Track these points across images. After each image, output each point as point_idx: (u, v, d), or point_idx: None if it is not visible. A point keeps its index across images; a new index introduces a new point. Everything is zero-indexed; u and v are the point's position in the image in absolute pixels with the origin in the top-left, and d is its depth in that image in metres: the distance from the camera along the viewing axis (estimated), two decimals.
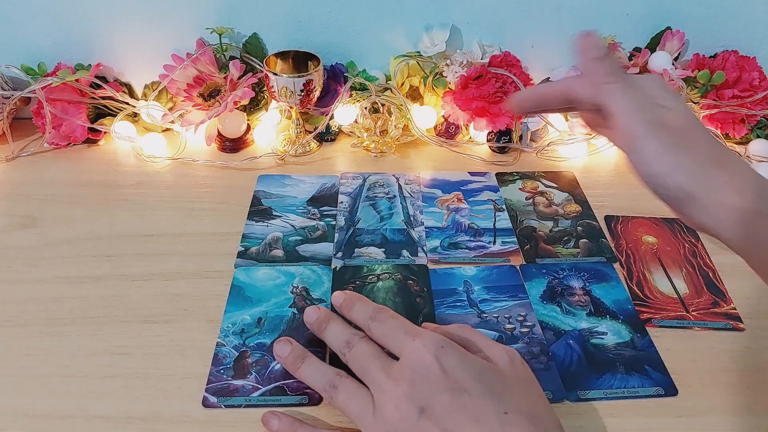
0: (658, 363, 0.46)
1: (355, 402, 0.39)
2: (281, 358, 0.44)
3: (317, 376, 0.42)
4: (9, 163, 0.69)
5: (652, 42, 0.73)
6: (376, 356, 0.40)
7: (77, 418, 0.42)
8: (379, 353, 0.40)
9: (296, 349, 0.44)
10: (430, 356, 0.38)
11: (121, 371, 0.45)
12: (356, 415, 0.39)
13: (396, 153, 0.71)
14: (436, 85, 0.71)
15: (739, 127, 0.69)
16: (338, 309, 0.46)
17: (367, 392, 0.39)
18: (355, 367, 0.40)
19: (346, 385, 0.40)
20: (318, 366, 0.43)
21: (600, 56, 0.45)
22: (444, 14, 0.71)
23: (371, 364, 0.39)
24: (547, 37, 0.73)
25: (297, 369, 0.43)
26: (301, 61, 0.69)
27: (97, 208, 0.62)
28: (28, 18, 0.70)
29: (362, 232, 0.59)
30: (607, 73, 0.44)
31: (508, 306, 0.51)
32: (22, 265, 0.55)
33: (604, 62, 0.45)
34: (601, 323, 0.50)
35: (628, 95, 0.44)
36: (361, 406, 0.39)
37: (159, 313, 0.50)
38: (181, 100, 0.71)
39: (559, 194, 0.65)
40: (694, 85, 0.69)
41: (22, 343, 0.48)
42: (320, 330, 0.45)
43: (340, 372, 0.41)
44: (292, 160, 0.70)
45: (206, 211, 0.62)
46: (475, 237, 0.59)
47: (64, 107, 0.69)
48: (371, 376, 0.39)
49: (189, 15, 0.70)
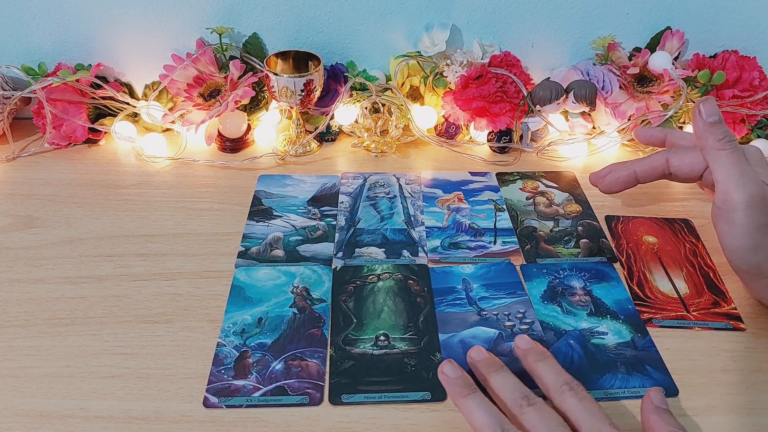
0: (658, 363, 0.46)
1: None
2: (473, 360, 0.44)
3: (509, 387, 0.41)
4: (9, 163, 0.69)
5: (652, 42, 0.73)
6: (563, 427, 0.38)
7: (77, 418, 0.42)
8: (565, 427, 0.38)
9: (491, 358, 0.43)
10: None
11: (121, 371, 0.45)
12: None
13: (396, 153, 0.71)
14: (436, 85, 0.71)
15: (740, 127, 0.69)
16: (523, 354, 0.44)
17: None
18: (534, 428, 0.38)
19: (540, 405, 0.39)
20: (512, 379, 0.42)
21: (716, 121, 0.47)
22: (444, 14, 0.71)
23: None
24: (547, 37, 0.73)
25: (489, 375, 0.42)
26: (301, 61, 0.69)
27: (97, 208, 0.62)
28: (28, 18, 0.70)
29: (363, 232, 0.59)
30: (721, 139, 0.46)
31: (507, 303, 0.51)
32: (22, 265, 0.55)
33: (719, 127, 0.47)
34: (602, 323, 0.50)
35: (738, 165, 0.46)
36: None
37: (160, 313, 0.50)
38: (181, 100, 0.71)
39: (559, 194, 0.65)
40: (694, 85, 0.69)
41: (22, 343, 0.48)
42: (487, 372, 0.42)
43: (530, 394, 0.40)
44: (292, 160, 0.70)
45: (207, 211, 0.62)
46: (476, 237, 0.59)
47: (64, 107, 0.69)
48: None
49: (189, 15, 0.70)
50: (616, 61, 0.72)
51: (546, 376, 0.41)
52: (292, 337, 0.48)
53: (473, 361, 0.44)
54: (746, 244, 0.45)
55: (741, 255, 0.45)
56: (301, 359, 0.46)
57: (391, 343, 0.48)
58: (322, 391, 0.44)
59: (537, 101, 0.68)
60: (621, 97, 0.69)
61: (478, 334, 0.48)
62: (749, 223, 0.44)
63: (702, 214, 0.62)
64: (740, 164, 0.46)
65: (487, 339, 0.48)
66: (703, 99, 0.48)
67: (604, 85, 0.69)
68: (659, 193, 0.65)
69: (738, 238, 0.45)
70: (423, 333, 0.49)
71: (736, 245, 0.45)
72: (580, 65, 0.72)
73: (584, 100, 0.68)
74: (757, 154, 0.47)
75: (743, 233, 0.45)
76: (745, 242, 0.45)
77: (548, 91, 0.68)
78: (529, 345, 0.44)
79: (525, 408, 0.39)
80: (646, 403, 0.40)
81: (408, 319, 0.50)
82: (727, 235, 0.46)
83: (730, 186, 0.45)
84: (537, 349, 0.44)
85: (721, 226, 0.46)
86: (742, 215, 0.45)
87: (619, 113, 0.69)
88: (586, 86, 0.68)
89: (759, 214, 0.44)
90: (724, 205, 0.46)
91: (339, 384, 0.45)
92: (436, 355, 0.47)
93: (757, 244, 0.44)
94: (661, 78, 0.70)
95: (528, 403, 0.39)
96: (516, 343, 0.45)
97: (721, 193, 0.46)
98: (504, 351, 0.47)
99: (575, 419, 0.38)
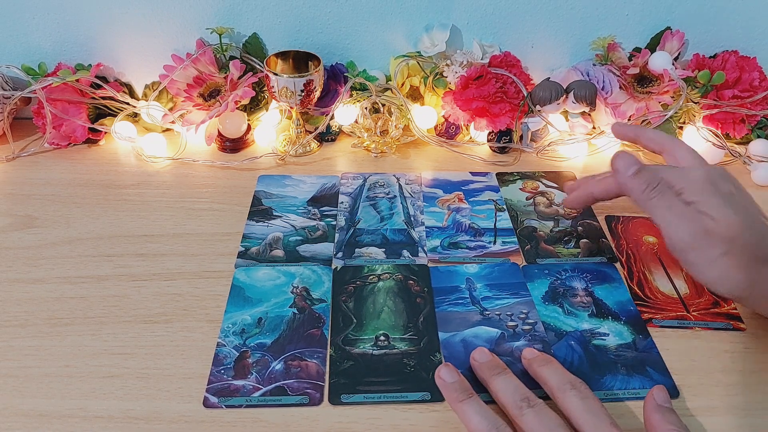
0: (659, 364, 0.46)
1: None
2: (476, 363, 0.44)
3: (510, 390, 0.41)
4: (9, 163, 0.69)
5: (652, 42, 0.73)
6: (563, 428, 0.38)
7: (77, 418, 0.42)
8: (565, 428, 0.38)
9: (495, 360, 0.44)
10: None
11: (121, 371, 0.45)
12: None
13: (396, 153, 0.71)
14: (436, 85, 0.71)
15: (740, 128, 0.69)
16: (529, 362, 0.44)
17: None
18: (533, 430, 0.38)
19: (540, 407, 0.39)
20: (513, 381, 0.42)
21: (635, 172, 0.47)
22: (444, 14, 0.71)
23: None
24: (547, 37, 0.73)
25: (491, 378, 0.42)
26: (301, 61, 0.69)
27: (97, 208, 0.62)
28: (28, 18, 0.70)
29: (363, 232, 0.59)
30: (645, 189, 0.46)
31: (510, 303, 0.51)
32: (22, 265, 0.55)
33: (640, 177, 0.47)
34: (603, 324, 0.49)
35: (671, 209, 0.46)
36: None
37: (159, 313, 0.50)
38: (181, 101, 0.71)
39: (559, 194, 0.65)
40: (694, 85, 0.69)
41: (22, 343, 0.48)
42: (489, 374, 0.42)
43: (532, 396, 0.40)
44: (292, 160, 0.70)
45: (206, 211, 0.62)
46: (476, 237, 0.59)
47: (64, 107, 0.69)
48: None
49: (189, 15, 0.70)
50: (616, 61, 0.72)
51: (550, 378, 0.42)
52: (291, 337, 0.48)
53: (476, 362, 0.44)
54: (709, 277, 0.45)
55: (712, 287, 0.46)
56: (301, 359, 0.46)
57: (390, 344, 0.48)
58: (322, 391, 0.44)
59: (537, 101, 0.68)
60: (621, 98, 0.69)
61: (480, 333, 0.48)
62: (703, 260, 0.45)
63: None
64: (672, 207, 0.46)
65: (489, 339, 0.48)
66: (616, 154, 0.49)
67: (604, 85, 0.69)
68: None
69: (701, 273, 0.45)
70: (423, 333, 0.49)
71: (703, 280, 0.46)
72: (580, 66, 0.72)
73: (584, 101, 0.68)
74: (699, 179, 0.46)
75: (703, 269, 0.45)
76: (707, 276, 0.45)
77: (548, 91, 0.68)
78: (535, 354, 0.45)
79: (525, 410, 0.39)
80: (649, 401, 0.40)
81: (408, 319, 0.50)
82: (692, 272, 0.46)
83: (670, 232, 0.46)
84: (542, 357, 0.44)
85: (682, 264, 0.47)
86: (693, 255, 0.45)
87: (619, 113, 0.69)
88: (586, 86, 0.68)
89: (708, 247, 0.44)
90: (674, 249, 0.46)
91: (338, 384, 0.44)
92: (435, 356, 0.47)
93: (722, 275, 0.44)
94: (661, 78, 0.70)
95: (528, 405, 0.39)
96: (523, 355, 0.45)
97: (666, 238, 0.46)
98: (505, 351, 0.47)
99: (577, 419, 0.38)
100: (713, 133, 0.68)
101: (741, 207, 0.45)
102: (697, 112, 0.69)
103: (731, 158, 0.69)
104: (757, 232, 0.44)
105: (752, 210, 0.46)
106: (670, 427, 0.38)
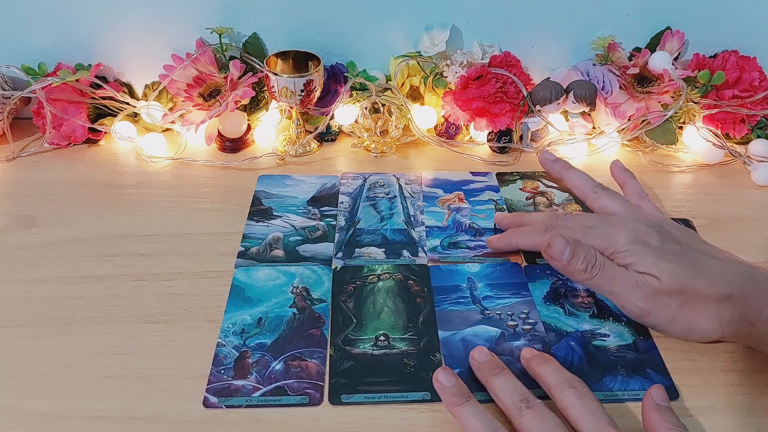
0: (659, 366, 0.46)
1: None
2: (476, 362, 0.44)
3: (509, 391, 0.41)
4: (9, 163, 0.69)
5: (652, 42, 0.73)
6: (561, 429, 0.37)
7: (77, 418, 0.42)
8: (564, 428, 0.38)
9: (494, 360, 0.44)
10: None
11: (121, 371, 0.45)
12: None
13: (396, 153, 0.71)
14: (436, 85, 0.71)
15: (740, 127, 0.69)
16: (527, 361, 0.44)
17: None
18: (531, 431, 0.38)
19: (539, 407, 0.39)
20: (512, 382, 0.41)
21: (569, 257, 0.46)
22: (444, 14, 0.71)
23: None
24: (547, 37, 0.73)
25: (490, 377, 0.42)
26: (301, 61, 0.69)
27: (97, 208, 0.62)
28: (28, 18, 0.70)
29: (362, 232, 0.59)
30: (586, 270, 0.46)
31: (511, 303, 0.51)
32: (22, 265, 0.55)
33: (577, 260, 0.46)
34: (604, 325, 0.49)
35: (615, 281, 0.46)
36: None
37: (159, 313, 0.50)
38: (181, 100, 0.71)
39: (559, 194, 0.65)
40: (694, 85, 0.69)
41: (22, 343, 0.48)
42: (488, 374, 0.42)
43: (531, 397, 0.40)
44: (292, 160, 0.70)
45: (206, 211, 0.62)
46: (476, 237, 0.59)
47: (64, 107, 0.69)
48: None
49: (189, 15, 0.70)
50: (616, 61, 0.72)
51: (548, 377, 0.42)
52: (291, 338, 0.48)
53: (475, 362, 0.44)
54: (678, 332, 0.46)
55: (686, 339, 0.46)
56: (301, 359, 0.46)
57: (390, 344, 0.48)
58: (322, 391, 0.44)
59: (537, 101, 0.68)
60: (621, 98, 0.69)
61: (480, 332, 0.48)
62: (664, 320, 0.45)
63: (702, 214, 0.62)
64: (614, 279, 0.46)
65: (488, 338, 0.48)
66: (549, 240, 0.47)
67: (604, 85, 0.69)
68: (659, 193, 0.65)
69: (668, 332, 0.46)
70: (423, 333, 0.49)
71: (672, 336, 0.46)
72: (580, 65, 0.72)
73: (584, 100, 0.68)
74: (626, 242, 0.46)
75: (668, 328, 0.46)
76: (677, 332, 0.46)
77: (548, 91, 0.68)
78: (533, 353, 0.45)
79: (523, 411, 0.39)
80: (647, 400, 0.40)
81: (408, 319, 0.50)
82: (659, 331, 0.47)
83: (622, 302, 0.46)
84: (540, 356, 0.44)
85: (648, 326, 0.48)
86: (652, 318, 0.46)
87: (619, 113, 0.69)
88: (586, 86, 0.68)
89: (663, 308, 0.44)
90: (633, 317, 0.47)
91: (339, 384, 0.44)
92: (435, 356, 0.47)
93: (687, 327, 0.45)
94: (661, 78, 0.70)
95: (527, 405, 0.39)
96: (521, 354, 0.45)
97: (621, 309, 0.48)
98: (505, 350, 0.47)
99: (575, 418, 0.38)
100: (713, 133, 0.68)
101: (677, 255, 0.45)
102: (697, 112, 0.69)
103: (731, 158, 0.69)
104: (703, 273, 0.44)
105: (690, 252, 0.46)
106: (669, 426, 0.38)
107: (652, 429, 0.39)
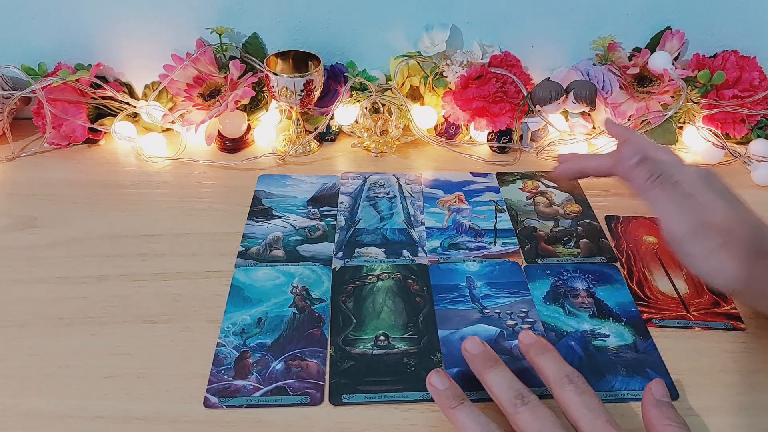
0: (659, 366, 0.46)
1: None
2: (469, 354, 0.43)
3: (504, 385, 0.40)
4: (9, 163, 0.69)
5: (652, 42, 0.73)
6: (557, 427, 0.37)
7: (77, 418, 0.42)
8: (559, 426, 0.37)
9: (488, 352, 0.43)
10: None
11: (121, 371, 0.45)
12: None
13: (396, 153, 0.71)
14: (436, 85, 0.71)
15: (740, 127, 0.69)
16: (526, 348, 0.43)
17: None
18: (527, 428, 0.38)
19: (535, 404, 0.39)
20: (507, 376, 0.41)
21: (638, 161, 0.47)
22: (444, 14, 0.71)
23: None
24: (547, 37, 0.73)
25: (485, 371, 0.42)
26: (301, 61, 0.69)
27: (97, 208, 0.62)
28: (28, 18, 0.70)
29: (362, 232, 0.59)
30: (648, 178, 0.46)
31: (510, 302, 0.51)
32: (22, 265, 0.55)
33: (644, 167, 0.47)
34: (604, 325, 0.49)
35: (671, 200, 0.46)
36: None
37: (159, 313, 0.50)
38: (181, 100, 0.71)
39: (559, 194, 0.65)
40: (694, 85, 0.69)
41: (22, 343, 0.48)
42: (483, 368, 0.42)
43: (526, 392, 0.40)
44: (292, 160, 0.70)
45: (206, 211, 0.62)
46: (476, 238, 0.59)
47: (64, 107, 0.69)
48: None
49: (189, 15, 0.70)
50: (616, 61, 0.72)
51: (547, 369, 0.41)
52: (291, 337, 0.48)
53: (468, 354, 0.43)
54: (705, 270, 0.45)
55: (707, 279, 0.45)
56: (301, 359, 0.46)
57: (390, 343, 0.48)
58: (322, 391, 0.44)
59: (537, 101, 0.68)
60: (621, 97, 0.69)
61: (479, 331, 0.49)
62: (699, 252, 0.44)
63: None
64: (673, 198, 0.46)
65: (488, 337, 0.48)
66: (623, 141, 0.48)
67: (604, 85, 0.69)
68: None
69: (697, 267, 0.45)
70: (423, 333, 0.49)
71: (700, 272, 0.45)
72: (580, 65, 0.72)
73: (584, 100, 0.68)
74: (694, 174, 0.46)
75: (699, 262, 0.45)
76: (703, 269, 0.45)
77: (548, 91, 0.68)
78: (533, 339, 0.43)
79: (519, 407, 0.38)
80: (647, 396, 0.40)
81: (407, 319, 0.50)
82: (687, 264, 0.46)
83: (669, 222, 0.46)
84: (540, 343, 0.43)
85: (680, 256, 0.46)
86: (691, 246, 0.45)
87: (619, 113, 0.69)
88: (586, 86, 0.68)
89: (705, 239, 0.44)
90: (672, 240, 0.46)
91: (339, 384, 0.44)
92: (435, 355, 0.47)
93: (719, 267, 0.44)
94: (661, 78, 0.70)
95: (522, 402, 0.39)
96: (520, 338, 0.44)
97: (664, 229, 0.46)
98: (504, 349, 0.47)
99: (573, 415, 0.38)
100: (713, 133, 0.68)
101: (735, 202, 0.46)
102: (697, 112, 0.69)
103: (731, 158, 0.69)
104: (753, 225, 0.44)
105: (745, 206, 0.46)
106: (668, 422, 0.38)
107: (652, 425, 0.38)
